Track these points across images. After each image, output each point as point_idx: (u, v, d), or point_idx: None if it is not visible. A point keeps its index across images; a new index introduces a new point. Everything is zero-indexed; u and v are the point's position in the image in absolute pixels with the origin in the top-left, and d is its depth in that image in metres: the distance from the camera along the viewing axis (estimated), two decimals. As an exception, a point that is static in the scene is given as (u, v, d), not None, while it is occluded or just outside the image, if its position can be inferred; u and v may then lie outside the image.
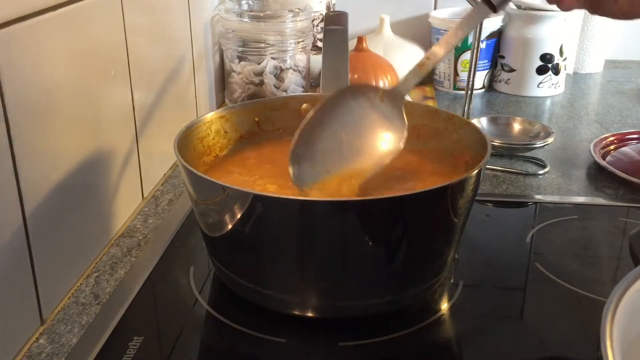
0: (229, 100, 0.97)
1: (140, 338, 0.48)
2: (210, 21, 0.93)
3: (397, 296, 0.50)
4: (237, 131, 0.61)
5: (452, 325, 0.50)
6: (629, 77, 1.17)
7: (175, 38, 0.79)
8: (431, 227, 0.47)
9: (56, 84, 0.51)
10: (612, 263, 0.60)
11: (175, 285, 0.55)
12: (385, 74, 0.96)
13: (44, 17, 0.48)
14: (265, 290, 0.49)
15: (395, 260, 0.47)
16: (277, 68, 0.92)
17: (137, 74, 0.66)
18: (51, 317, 0.51)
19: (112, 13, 0.60)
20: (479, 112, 1.00)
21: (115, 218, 0.63)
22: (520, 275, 0.56)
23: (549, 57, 1.04)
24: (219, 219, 0.47)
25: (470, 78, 0.79)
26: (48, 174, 0.50)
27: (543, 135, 0.81)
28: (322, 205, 0.45)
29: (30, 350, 0.47)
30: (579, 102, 1.04)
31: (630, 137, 0.85)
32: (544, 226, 0.64)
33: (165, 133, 0.74)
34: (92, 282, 0.56)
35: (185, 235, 0.62)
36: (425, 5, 1.16)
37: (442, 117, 0.60)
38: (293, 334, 0.48)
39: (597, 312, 0.36)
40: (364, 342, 0.47)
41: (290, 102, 0.64)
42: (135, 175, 0.67)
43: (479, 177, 0.48)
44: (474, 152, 0.54)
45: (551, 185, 0.74)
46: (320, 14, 1.03)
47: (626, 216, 0.67)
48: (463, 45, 1.04)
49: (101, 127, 0.59)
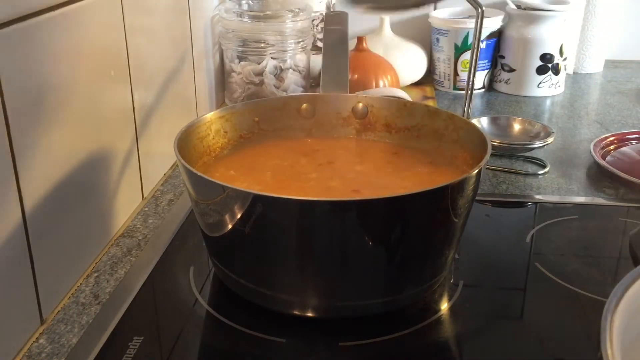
0: (229, 100, 0.97)
1: (140, 338, 0.48)
2: (210, 21, 0.93)
3: (397, 296, 0.50)
4: (237, 131, 0.61)
5: (452, 325, 0.50)
6: (629, 77, 1.17)
7: (175, 38, 0.79)
8: (431, 227, 0.47)
9: (56, 84, 0.51)
10: (612, 263, 0.60)
11: (175, 285, 0.55)
12: (385, 74, 0.96)
13: (44, 17, 0.48)
14: (265, 290, 0.49)
15: (395, 260, 0.47)
16: (277, 68, 0.92)
17: (137, 74, 0.66)
18: (51, 317, 0.51)
19: (112, 13, 0.60)
20: (479, 112, 1.00)
21: (115, 218, 0.63)
22: (520, 275, 0.56)
23: (549, 57, 1.04)
24: (219, 219, 0.48)
25: (470, 78, 0.78)
26: (48, 174, 0.50)
27: (543, 135, 0.81)
28: (322, 205, 0.45)
29: (30, 350, 0.47)
30: (579, 102, 1.04)
31: (630, 137, 0.85)
32: (544, 226, 0.64)
33: (165, 133, 0.74)
34: (92, 282, 0.56)
35: (185, 235, 0.62)
36: (425, 5, 1.16)
37: (442, 117, 0.60)
38: (293, 334, 0.48)
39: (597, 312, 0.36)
40: (364, 342, 0.47)
41: (290, 102, 0.64)
42: (135, 175, 0.67)
43: (479, 177, 0.48)
44: (474, 152, 0.54)
45: (551, 185, 0.74)
46: (320, 14, 1.03)
47: (626, 216, 0.67)
48: (463, 45, 1.04)
49: (101, 127, 0.59)
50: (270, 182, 0.55)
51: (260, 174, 0.57)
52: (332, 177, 0.57)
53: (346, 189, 0.55)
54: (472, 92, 0.79)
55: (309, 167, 0.59)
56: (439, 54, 1.08)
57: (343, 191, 0.55)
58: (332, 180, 0.56)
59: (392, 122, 0.63)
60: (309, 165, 0.59)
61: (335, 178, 0.57)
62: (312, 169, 0.58)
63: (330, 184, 0.56)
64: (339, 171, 0.58)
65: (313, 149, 0.62)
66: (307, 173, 0.57)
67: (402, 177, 0.58)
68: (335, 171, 0.58)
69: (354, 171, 0.59)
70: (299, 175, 0.57)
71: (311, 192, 0.54)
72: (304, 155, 0.61)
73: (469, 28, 1.03)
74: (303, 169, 0.58)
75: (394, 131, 0.63)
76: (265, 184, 0.55)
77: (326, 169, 0.58)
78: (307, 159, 0.60)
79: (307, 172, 0.58)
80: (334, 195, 0.54)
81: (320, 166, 0.59)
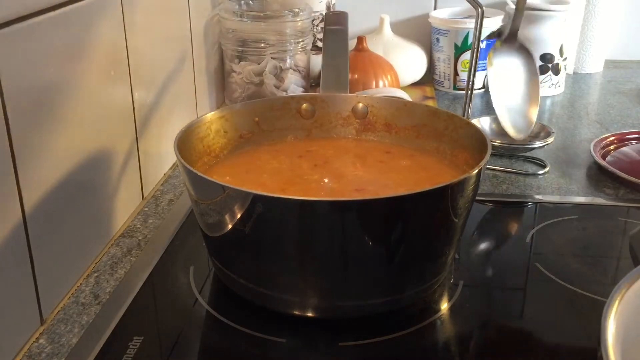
0: (229, 100, 0.97)
1: (140, 338, 0.48)
2: (210, 21, 0.93)
3: (397, 296, 0.50)
4: (237, 131, 0.61)
5: (452, 325, 0.50)
6: (629, 77, 1.17)
7: (175, 38, 0.79)
8: (431, 227, 0.47)
9: (56, 84, 0.50)
10: (612, 263, 0.60)
11: (175, 285, 0.55)
12: (385, 74, 0.96)
13: (44, 17, 0.48)
14: (265, 290, 0.49)
15: (395, 260, 0.47)
16: (277, 68, 0.92)
17: (137, 74, 0.66)
18: (51, 317, 0.51)
19: (112, 13, 0.60)
20: (479, 112, 1.00)
21: (115, 218, 0.63)
22: (520, 275, 0.56)
23: (549, 57, 1.04)
24: (219, 219, 0.48)
25: (470, 78, 0.78)
26: (48, 174, 0.50)
27: (543, 135, 0.81)
28: (322, 205, 0.45)
29: (30, 350, 0.47)
30: (579, 102, 1.04)
31: (630, 137, 0.85)
32: (544, 226, 0.64)
33: (165, 133, 0.74)
34: (92, 282, 0.56)
35: (185, 235, 0.62)
36: (425, 5, 1.16)
37: (442, 117, 0.60)
38: (293, 334, 0.48)
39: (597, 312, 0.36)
40: (364, 342, 0.47)
41: (290, 102, 0.64)
42: (135, 175, 0.67)
43: (479, 177, 0.48)
44: (474, 152, 0.54)
45: (551, 185, 0.74)
46: (320, 14, 1.03)
47: (626, 216, 0.67)
48: (463, 45, 1.04)
49: (101, 127, 0.59)
50: (270, 183, 0.55)
51: (260, 174, 0.57)
52: (332, 177, 0.57)
53: (346, 189, 0.55)
54: (472, 92, 0.79)
55: (309, 167, 0.59)
56: (439, 54, 1.08)
57: (343, 191, 0.55)
58: (332, 180, 0.56)
59: (392, 122, 0.63)
60: (308, 166, 0.59)
61: (335, 178, 0.57)
62: (311, 169, 0.58)
63: (330, 184, 0.56)
64: (338, 171, 0.58)
65: (313, 149, 0.62)
66: (307, 173, 0.57)
67: (402, 177, 0.58)
68: (335, 171, 0.58)
69: (354, 171, 0.59)
70: (299, 176, 0.57)
71: (311, 192, 0.54)
72: (304, 156, 0.61)
73: (469, 28, 1.03)
74: (303, 169, 0.58)
75: (394, 131, 0.63)
76: (265, 184, 0.55)
77: (326, 169, 0.58)
78: (307, 159, 0.60)
79: (307, 172, 0.58)
80: (334, 195, 0.54)
81: (320, 166, 0.59)
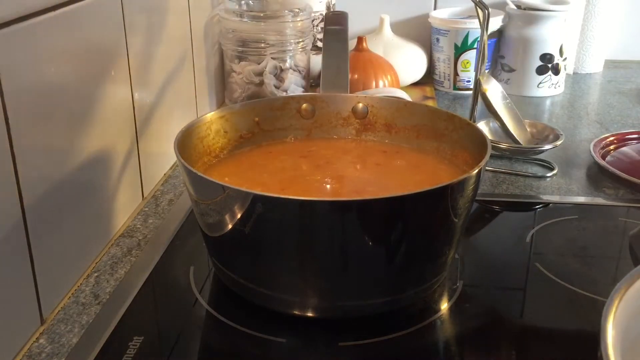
0: (229, 100, 0.97)
1: (140, 338, 0.48)
2: (210, 21, 0.93)
3: (397, 296, 0.50)
4: (237, 131, 0.61)
5: (452, 325, 0.50)
6: (629, 77, 1.17)
7: (175, 38, 0.79)
8: (431, 227, 0.47)
9: (56, 83, 0.50)
10: (612, 263, 0.60)
11: (175, 285, 0.55)
12: (385, 74, 0.96)
13: (44, 17, 0.48)
14: (265, 290, 0.49)
15: (395, 260, 0.47)
16: (277, 68, 0.92)
17: (137, 74, 0.66)
18: (51, 317, 0.51)
19: (112, 13, 0.60)
20: (478, 112, 1.00)
21: (115, 218, 0.63)
22: (520, 275, 0.56)
23: (549, 57, 1.04)
24: (219, 219, 0.48)
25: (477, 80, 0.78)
26: (48, 173, 0.50)
27: (552, 138, 0.80)
28: (322, 205, 0.45)
29: (30, 350, 0.47)
30: (579, 102, 1.04)
31: (630, 137, 0.85)
32: (544, 226, 0.64)
33: (165, 133, 0.74)
34: (92, 282, 0.56)
35: (185, 235, 0.62)
36: (425, 5, 1.16)
37: (442, 117, 0.60)
38: (293, 334, 0.48)
39: (597, 312, 0.36)
40: (364, 342, 0.47)
41: (290, 102, 0.64)
42: (135, 175, 0.67)
43: (479, 177, 0.48)
44: (474, 152, 0.54)
45: (551, 185, 0.74)
46: (320, 14, 1.03)
47: (626, 216, 0.67)
48: (463, 45, 1.04)
49: (101, 127, 0.59)
50: (270, 182, 0.55)
51: (260, 174, 0.57)
52: (332, 177, 0.57)
53: (346, 189, 0.55)
54: (478, 95, 0.79)
55: (309, 167, 0.59)
56: (439, 54, 1.08)
57: (343, 191, 0.55)
58: (332, 180, 0.56)
59: (392, 122, 0.63)
60: (309, 166, 0.59)
61: (335, 178, 0.57)
62: (312, 169, 0.58)
63: (330, 184, 0.56)
64: (339, 171, 0.58)
65: (313, 149, 0.62)
66: (308, 174, 0.57)
67: (402, 177, 0.58)
68: (335, 171, 0.58)
69: (354, 171, 0.59)
70: (300, 176, 0.57)
71: (311, 192, 0.54)
72: (304, 156, 0.61)
73: (469, 28, 1.03)
74: (303, 169, 0.58)
75: (394, 131, 0.63)
76: (265, 184, 0.55)
77: (326, 169, 0.58)
78: (307, 159, 0.60)
79: (308, 172, 0.58)
80: (334, 195, 0.54)
81: (320, 167, 0.59)
